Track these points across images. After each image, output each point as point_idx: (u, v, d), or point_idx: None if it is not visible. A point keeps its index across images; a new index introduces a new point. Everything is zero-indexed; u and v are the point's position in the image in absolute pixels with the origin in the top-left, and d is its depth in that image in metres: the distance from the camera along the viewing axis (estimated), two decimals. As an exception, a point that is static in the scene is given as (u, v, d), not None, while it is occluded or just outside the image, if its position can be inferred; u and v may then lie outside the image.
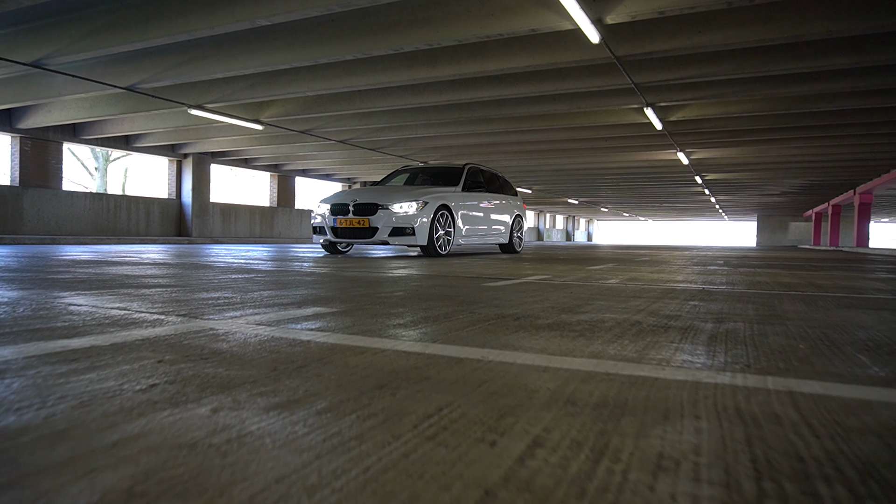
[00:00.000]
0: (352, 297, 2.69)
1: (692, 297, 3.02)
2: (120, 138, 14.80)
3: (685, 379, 1.22)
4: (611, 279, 4.27)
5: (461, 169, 9.15)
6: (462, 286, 3.41)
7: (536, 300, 2.73)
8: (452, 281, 3.80)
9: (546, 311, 2.31)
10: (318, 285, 3.30)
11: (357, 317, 2.05)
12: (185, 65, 8.37)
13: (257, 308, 2.25)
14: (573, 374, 1.24)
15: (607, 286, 3.64)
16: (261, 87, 9.40)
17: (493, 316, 2.14)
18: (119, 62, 8.76)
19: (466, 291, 3.09)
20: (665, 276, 4.80)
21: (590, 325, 1.96)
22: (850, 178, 20.64)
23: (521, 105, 10.35)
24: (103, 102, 10.94)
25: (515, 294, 3.00)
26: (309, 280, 3.67)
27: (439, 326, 1.86)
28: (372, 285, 3.38)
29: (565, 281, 4.01)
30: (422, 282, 3.68)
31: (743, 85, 8.78)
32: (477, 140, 14.28)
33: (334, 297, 2.71)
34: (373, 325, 1.86)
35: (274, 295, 2.74)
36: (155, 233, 15.92)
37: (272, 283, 3.36)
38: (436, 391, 1.07)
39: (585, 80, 8.52)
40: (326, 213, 8.05)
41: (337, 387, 1.09)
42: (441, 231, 8.02)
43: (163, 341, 1.51)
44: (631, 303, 2.72)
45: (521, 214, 10.53)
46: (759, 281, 4.39)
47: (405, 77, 8.35)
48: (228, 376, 1.14)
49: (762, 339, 1.74)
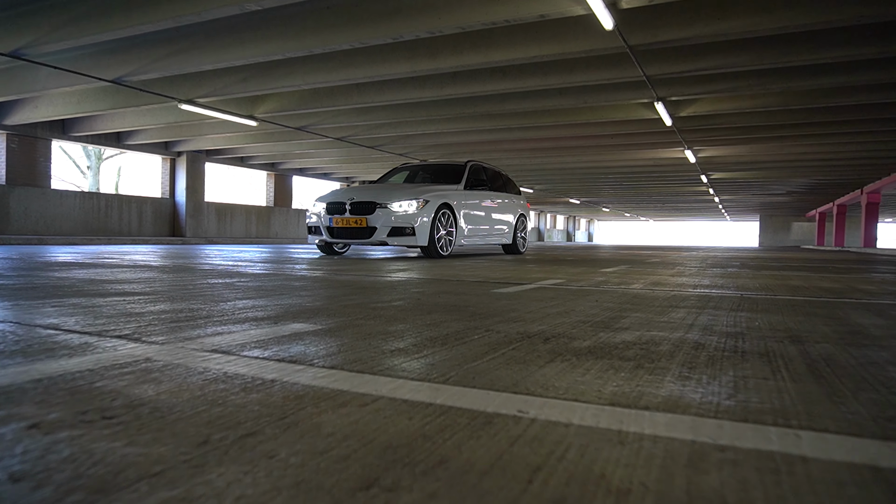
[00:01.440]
0: (342, 309, 2.26)
1: (737, 307, 2.59)
2: (111, 135, 14.36)
3: (851, 460, 0.79)
4: (633, 284, 3.84)
5: (463, 166, 8.73)
6: (469, 293, 2.99)
7: (561, 311, 2.30)
8: (458, 286, 3.37)
9: (579, 329, 1.89)
10: (305, 292, 2.87)
11: (345, 338, 1.63)
12: (174, 56, 7.93)
13: (223, 325, 1.82)
14: (667, 447, 0.81)
15: (633, 293, 3.21)
16: (254, 81, 8.97)
17: (515, 336, 1.71)
18: (104, 53, 8.33)
19: (476, 300, 2.66)
20: (688, 279, 4.37)
21: (642, 350, 1.53)
22: (858, 177, 20.23)
23: (525, 100, 9.92)
24: (91, 97, 10.50)
25: (533, 303, 2.57)
26: (297, 286, 3.24)
27: (450, 353, 1.43)
28: (367, 292, 2.95)
29: (583, 286, 3.58)
30: (424, 287, 3.25)
31: (759, 77, 8.35)
32: (479, 137, 13.85)
33: (321, 308, 2.28)
34: (364, 352, 1.43)
35: (250, 306, 2.31)
36: (148, 233, 15.48)
37: (253, 291, 2.93)
38: (462, 497, 0.64)
39: (594, 73, 8.09)
40: (322, 212, 7.62)
41: (294, 488, 0.66)
42: (442, 231, 7.60)
43: (67, 381, 1.08)
44: (672, 314, 2.29)
45: (524, 214, 10.10)
46: (796, 286, 3.97)
47: (405, 69, 7.92)
48: (122, 463, 0.71)
49: (880, 372, 1.32)
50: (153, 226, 15.67)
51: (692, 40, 6.43)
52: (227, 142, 14.81)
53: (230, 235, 17.94)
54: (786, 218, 42.76)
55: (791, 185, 23.75)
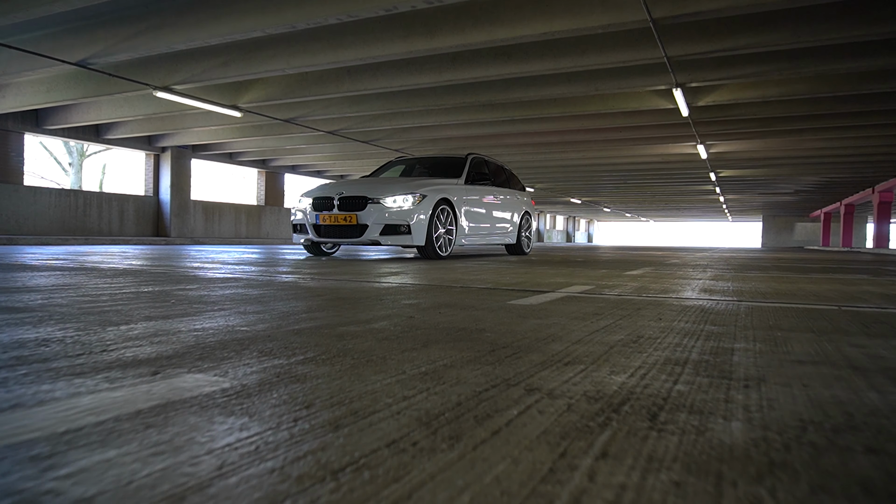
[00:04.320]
0: (289, 338, 1.47)
1: (863, 327, 1.81)
2: (89, 129, 13.55)
3: None
4: (679, 291, 3.06)
5: (464, 159, 7.95)
6: (480, 306, 2.20)
7: (624, 339, 1.52)
8: (463, 296, 2.59)
9: (686, 379, 1.10)
10: (255, 307, 2.08)
11: (257, 417, 0.84)
12: (143, 35, 7.15)
13: (59, 378, 1.03)
14: None
15: (695, 305, 2.43)
16: (235, 65, 8.17)
17: (583, 404, 0.93)
18: (68, 33, 7.54)
19: (492, 319, 1.88)
20: (743, 284, 3.58)
21: (829, 447, 0.75)
22: (873, 174, 19.49)
23: (531, 87, 9.14)
24: (60, 84, 9.70)
25: (574, 323, 1.79)
26: (252, 295, 2.45)
27: (473, 476, 0.65)
28: (342, 306, 2.17)
29: (622, 294, 2.80)
30: (419, 298, 2.47)
31: (791, 60, 7.58)
32: (480, 130, 13.06)
33: (258, 336, 1.49)
34: (295, 466, 0.65)
35: (151, 333, 1.52)
36: (130, 233, 14.66)
37: (186, 304, 2.14)
38: None
39: (609, 54, 7.31)
40: (308, 209, 6.84)
41: None
42: (441, 229, 6.82)
43: None
44: (794, 346, 1.51)
45: (529, 212, 9.34)
46: (890, 294, 3.19)
47: (400, 49, 7.13)
48: None
49: None
50: (135, 225, 14.85)
51: (725, 12, 5.66)
52: (212, 136, 14.00)
53: (218, 236, 17.12)
54: (788, 218, 42.06)
55: (800, 184, 23.01)
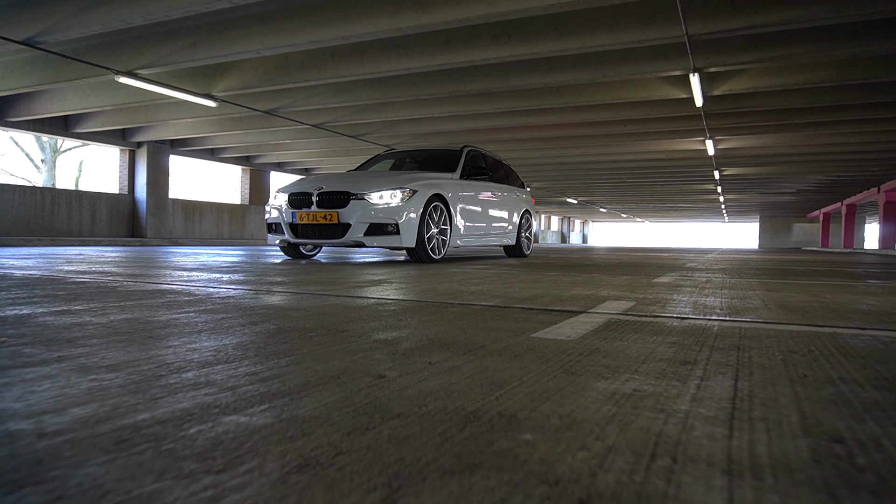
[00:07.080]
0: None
1: None
2: (57, 121, 12.63)
3: None
4: (760, 310, 2.25)
5: (459, 152, 7.14)
6: (495, 347, 1.39)
7: (814, 446, 0.71)
8: (466, 323, 1.77)
9: None
10: (131, 348, 1.26)
11: None
12: (94, 9, 6.30)
13: None
14: None
15: (799, 332, 1.63)
16: (204, 46, 7.33)
17: None
18: (10, 8, 6.68)
19: (524, 382, 1.06)
20: (812, 297, 2.79)
21: None
22: (878, 172, 18.84)
23: (533, 73, 8.34)
24: (14, 70, 8.82)
25: (664, 383, 0.98)
26: (151, 324, 1.62)
27: None
28: (275, 349, 1.34)
29: (683, 316, 1.99)
30: (401, 328, 1.66)
31: (821, 41, 6.82)
32: (474, 124, 12.26)
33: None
34: None
35: None
36: (102, 233, 13.74)
37: (27, 337, 1.31)
38: None
39: (622, 33, 6.52)
40: (284, 206, 6.01)
41: None
42: (434, 229, 6.01)
43: None
44: None
45: (529, 210, 8.55)
46: None
47: (387, 26, 6.32)
48: None
49: None
50: (109, 225, 13.93)
51: (763, -24, 4.88)
52: (190, 129, 13.11)
53: (199, 236, 16.21)
54: (786, 219, 41.55)
55: (804, 183, 22.34)
